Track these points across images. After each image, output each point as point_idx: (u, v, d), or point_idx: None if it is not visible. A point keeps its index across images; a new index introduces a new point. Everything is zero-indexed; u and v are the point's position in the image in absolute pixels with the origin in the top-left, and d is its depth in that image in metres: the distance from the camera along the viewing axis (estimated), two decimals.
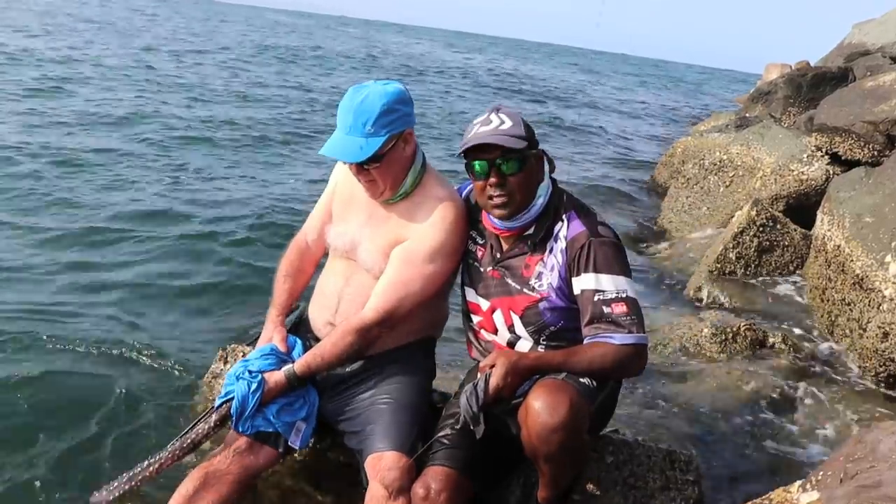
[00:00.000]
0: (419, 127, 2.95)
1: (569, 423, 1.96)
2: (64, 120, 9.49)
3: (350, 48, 35.68)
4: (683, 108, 25.90)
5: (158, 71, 15.73)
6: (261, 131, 10.58)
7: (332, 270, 2.55)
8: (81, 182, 6.84)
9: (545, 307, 2.26)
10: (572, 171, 10.34)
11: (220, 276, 5.04)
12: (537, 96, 22.62)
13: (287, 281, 2.63)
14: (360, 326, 2.33)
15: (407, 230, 2.37)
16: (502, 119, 2.20)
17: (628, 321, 2.12)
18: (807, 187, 6.48)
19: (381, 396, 2.40)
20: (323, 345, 2.37)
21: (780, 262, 5.38)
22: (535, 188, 2.26)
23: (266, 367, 2.37)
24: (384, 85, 2.30)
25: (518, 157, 2.18)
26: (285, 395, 2.36)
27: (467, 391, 2.06)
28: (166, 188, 7.05)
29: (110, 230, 5.60)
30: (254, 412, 2.30)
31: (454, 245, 2.38)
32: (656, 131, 17.82)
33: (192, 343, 3.95)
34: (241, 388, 2.30)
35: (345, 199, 2.53)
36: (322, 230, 2.61)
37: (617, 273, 2.17)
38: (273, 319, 2.57)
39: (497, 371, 2.07)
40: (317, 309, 2.57)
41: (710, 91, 42.19)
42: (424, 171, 2.43)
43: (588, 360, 2.12)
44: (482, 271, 2.39)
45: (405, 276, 2.34)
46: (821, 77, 10.41)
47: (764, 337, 4.20)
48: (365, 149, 2.24)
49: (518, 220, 2.28)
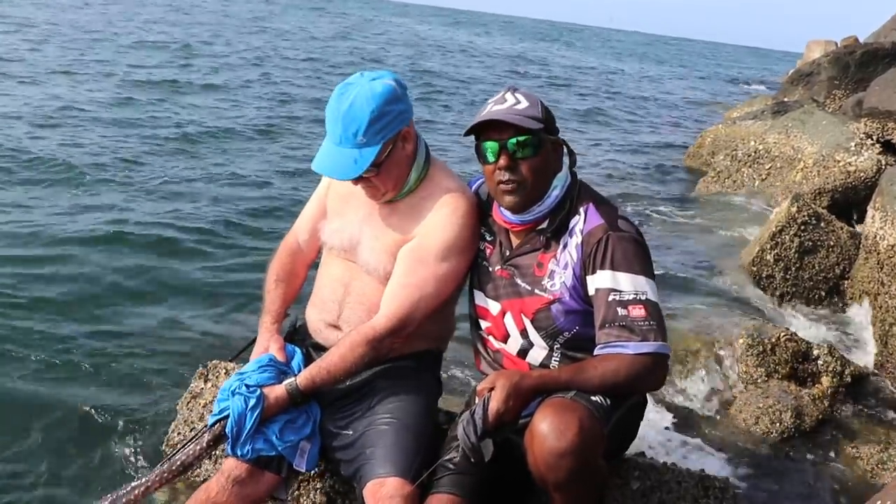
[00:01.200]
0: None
1: (579, 447, 1.93)
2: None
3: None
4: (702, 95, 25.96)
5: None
6: (224, 125, 10.50)
7: (330, 275, 2.53)
8: (39, 188, 6.81)
9: (558, 310, 2.24)
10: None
11: (197, 283, 5.03)
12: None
13: (279, 286, 2.61)
14: (373, 337, 2.30)
15: (415, 227, 2.35)
16: (518, 99, 2.20)
17: (646, 327, 2.10)
18: (855, 180, 6.49)
19: (382, 416, 2.37)
20: (330, 357, 2.34)
21: (824, 265, 5.37)
22: (550, 177, 2.25)
23: (265, 380, 2.33)
24: (371, 82, 2.26)
25: (532, 139, 2.17)
26: (286, 412, 2.34)
27: (464, 420, 2.04)
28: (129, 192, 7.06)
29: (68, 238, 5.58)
30: (252, 432, 2.26)
31: (467, 239, 2.37)
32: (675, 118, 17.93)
33: (168, 360, 3.93)
34: (238, 404, 2.26)
35: (342, 193, 2.51)
36: (315, 229, 2.59)
37: (637, 272, 2.14)
38: (268, 327, 2.55)
39: (497, 394, 2.05)
40: (316, 312, 2.55)
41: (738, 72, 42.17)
42: (429, 165, 2.42)
43: (599, 375, 2.09)
44: (491, 271, 2.38)
45: (418, 277, 2.32)
46: (872, 54, 10.42)
47: (807, 349, 4.19)
48: (360, 162, 2.22)
49: (531, 213, 2.27)
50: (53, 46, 15.95)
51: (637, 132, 14.71)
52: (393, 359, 2.43)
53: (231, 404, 2.27)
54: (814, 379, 4.06)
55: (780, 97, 12.79)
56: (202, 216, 6.38)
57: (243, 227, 6.25)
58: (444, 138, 11.34)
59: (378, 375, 2.43)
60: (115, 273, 5.01)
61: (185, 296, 4.80)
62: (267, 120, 11.22)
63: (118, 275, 4.99)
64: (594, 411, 2.04)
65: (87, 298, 4.56)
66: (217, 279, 5.12)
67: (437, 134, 11.71)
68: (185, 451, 2.28)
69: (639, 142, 13.38)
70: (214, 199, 6.92)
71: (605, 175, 9.87)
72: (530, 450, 2.01)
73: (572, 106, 17.62)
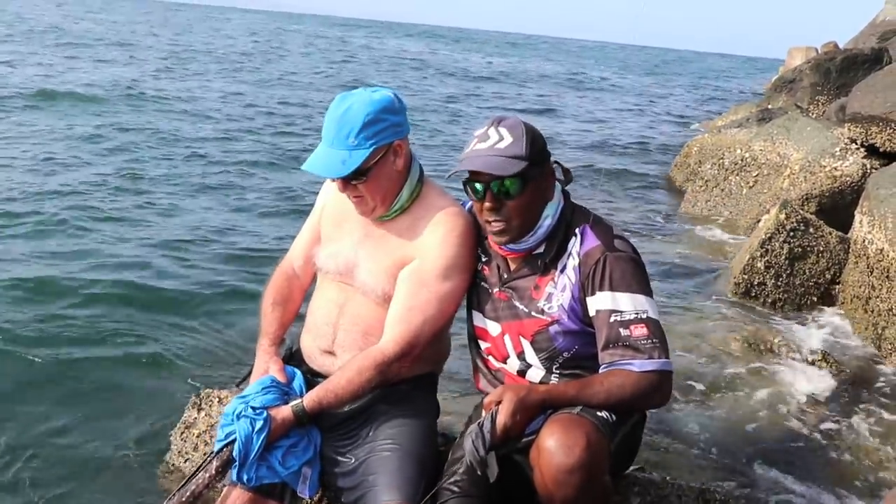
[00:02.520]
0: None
1: (586, 463, 1.93)
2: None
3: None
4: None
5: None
6: (197, 150, 10.40)
7: (324, 297, 2.53)
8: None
9: (557, 331, 2.26)
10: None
11: (188, 311, 5.00)
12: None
13: (276, 309, 2.61)
14: (381, 361, 2.31)
15: (412, 248, 2.36)
16: (501, 135, 2.18)
17: (649, 345, 2.11)
18: (841, 185, 6.54)
19: (384, 442, 2.36)
20: (337, 380, 2.33)
21: (814, 270, 5.40)
22: (539, 209, 2.25)
23: (269, 402, 2.32)
24: (372, 92, 2.31)
25: (515, 181, 2.16)
26: (289, 436, 2.32)
27: (472, 433, 2.04)
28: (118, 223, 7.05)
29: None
30: (258, 456, 2.24)
31: (466, 258, 2.38)
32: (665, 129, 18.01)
33: (159, 388, 3.88)
34: (244, 427, 2.24)
35: (336, 218, 2.53)
36: (309, 254, 2.59)
37: (636, 291, 2.16)
38: (266, 349, 2.54)
39: (504, 408, 2.05)
40: (310, 339, 2.55)
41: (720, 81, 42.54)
42: (422, 184, 2.44)
43: (605, 391, 2.10)
44: (490, 292, 2.39)
45: (421, 299, 2.33)
46: (851, 60, 10.55)
47: (802, 355, 4.22)
48: (348, 163, 2.24)
49: (523, 244, 2.28)
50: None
51: (620, 141, 14.74)
52: (392, 383, 2.43)
53: (237, 427, 2.25)
54: (812, 384, 4.07)
55: (764, 104, 12.90)
56: (193, 245, 6.35)
57: (236, 256, 6.22)
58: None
59: (377, 400, 2.42)
60: (104, 299, 4.98)
61: (176, 323, 4.75)
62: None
63: (108, 301, 4.96)
64: (601, 427, 2.05)
65: (75, 326, 4.52)
66: (210, 308, 5.08)
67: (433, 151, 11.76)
68: (195, 480, 2.24)
69: (624, 151, 13.43)
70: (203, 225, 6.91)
71: (589, 188, 9.90)
72: (537, 466, 2.01)
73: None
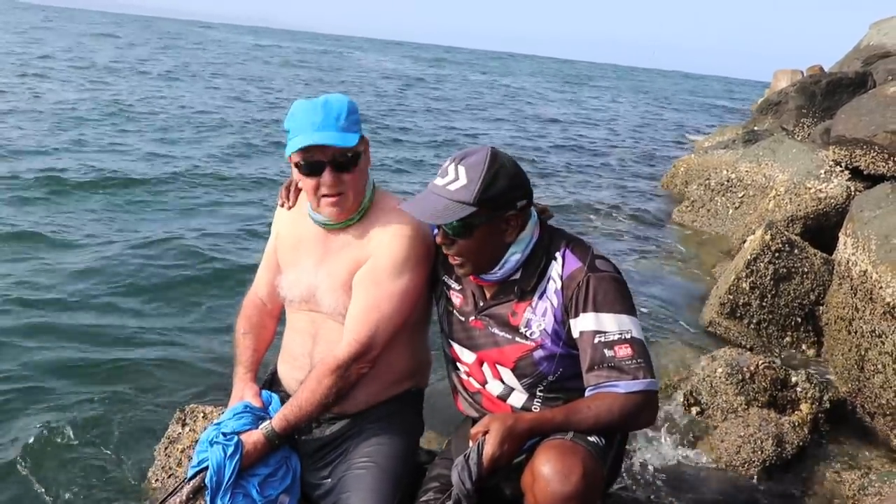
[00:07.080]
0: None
1: (583, 490, 1.93)
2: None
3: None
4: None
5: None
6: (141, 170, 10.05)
7: (296, 329, 2.55)
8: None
9: (540, 356, 2.25)
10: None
11: (172, 323, 5.00)
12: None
13: (247, 337, 2.64)
14: (337, 365, 2.32)
15: (365, 251, 2.39)
16: (458, 175, 2.15)
17: (634, 366, 2.11)
18: (826, 206, 6.61)
19: (360, 460, 2.38)
20: (300, 394, 2.35)
21: (799, 291, 5.44)
22: (497, 250, 2.23)
23: (241, 427, 2.34)
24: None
25: (460, 225, 2.15)
26: (265, 460, 2.33)
27: (458, 465, 2.03)
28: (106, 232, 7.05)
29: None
30: (232, 485, 2.25)
31: (419, 254, 2.39)
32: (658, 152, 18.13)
33: (144, 403, 3.89)
34: (217, 454, 2.26)
35: (291, 244, 2.55)
36: (272, 284, 2.61)
37: (619, 311, 2.16)
38: (241, 377, 2.57)
39: (492, 438, 2.04)
40: (287, 369, 2.57)
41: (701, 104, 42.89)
42: (374, 190, 2.48)
43: (594, 416, 2.10)
44: (463, 321, 2.38)
45: (374, 298, 2.35)
46: (836, 83, 10.68)
47: (786, 376, 4.23)
48: (345, 140, 2.26)
49: (492, 275, 2.27)
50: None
51: (608, 164, 14.85)
52: (373, 405, 2.45)
53: (210, 455, 2.27)
54: (793, 406, 4.10)
55: (750, 126, 13.02)
56: (178, 255, 6.35)
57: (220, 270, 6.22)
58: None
59: (357, 421, 2.45)
60: (89, 308, 5.00)
61: (162, 336, 4.76)
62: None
63: (91, 311, 4.97)
64: (595, 454, 2.05)
65: (58, 336, 4.54)
66: (195, 323, 5.08)
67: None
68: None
69: (611, 173, 13.52)
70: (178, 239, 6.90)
71: (579, 208, 9.95)
72: (531, 492, 2.00)
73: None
